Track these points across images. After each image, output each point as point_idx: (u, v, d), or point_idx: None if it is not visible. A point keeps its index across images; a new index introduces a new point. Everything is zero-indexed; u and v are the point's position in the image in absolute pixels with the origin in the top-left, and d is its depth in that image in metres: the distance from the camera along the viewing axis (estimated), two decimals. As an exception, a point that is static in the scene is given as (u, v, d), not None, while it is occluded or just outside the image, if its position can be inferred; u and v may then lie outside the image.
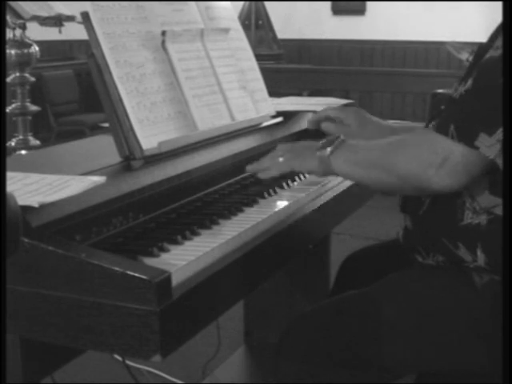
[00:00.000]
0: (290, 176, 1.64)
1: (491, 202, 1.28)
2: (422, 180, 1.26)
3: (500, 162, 1.22)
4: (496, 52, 1.23)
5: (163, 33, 1.57)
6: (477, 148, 1.21)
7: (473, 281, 1.29)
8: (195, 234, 1.28)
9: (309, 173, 1.52)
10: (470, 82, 1.25)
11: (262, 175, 1.49)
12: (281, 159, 1.46)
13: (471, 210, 1.30)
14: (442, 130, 1.26)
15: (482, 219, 1.29)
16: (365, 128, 1.67)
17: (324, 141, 1.42)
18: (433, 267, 1.36)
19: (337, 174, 1.43)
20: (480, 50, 1.34)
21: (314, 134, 2.09)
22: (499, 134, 1.19)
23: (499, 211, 1.27)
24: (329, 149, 1.39)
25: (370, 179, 1.37)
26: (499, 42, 1.23)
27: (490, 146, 1.20)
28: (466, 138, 1.22)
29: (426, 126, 1.45)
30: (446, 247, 1.32)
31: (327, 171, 1.41)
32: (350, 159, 1.38)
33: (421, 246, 1.39)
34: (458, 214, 1.31)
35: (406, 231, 1.43)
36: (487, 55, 1.25)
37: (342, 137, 1.41)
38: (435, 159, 1.24)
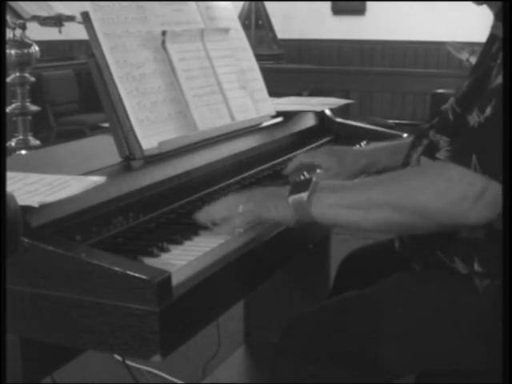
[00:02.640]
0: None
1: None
2: (454, 216, 1.16)
3: None
4: None
5: (163, 33, 1.57)
6: None
7: (473, 283, 1.28)
8: (195, 234, 1.28)
9: (281, 222, 1.29)
10: (488, 109, 1.16)
11: (222, 230, 1.28)
12: (241, 209, 1.28)
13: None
14: (461, 160, 1.15)
15: (480, 233, 1.25)
16: (344, 163, 1.62)
17: (292, 186, 1.28)
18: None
19: (315, 221, 1.25)
20: (486, 62, 1.29)
21: (316, 133, 2.09)
22: None
23: (497, 225, 1.23)
24: (304, 194, 1.23)
25: (367, 221, 1.22)
26: None
27: None
28: (492, 169, 1.13)
29: (429, 126, 1.41)
30: (442, 260, 1.31)
31: (302, 218, 1.25)
32: (334, 202, 1.23)
33: (417, 257, 1.38)
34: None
35: (402, 242, 1.42)
36: (499, 80, 1.17)
37: (314, 179, 1.26)
38: (472, 191, 1.13)
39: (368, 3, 8.17)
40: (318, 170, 1.63)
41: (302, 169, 1.65)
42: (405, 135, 2.14)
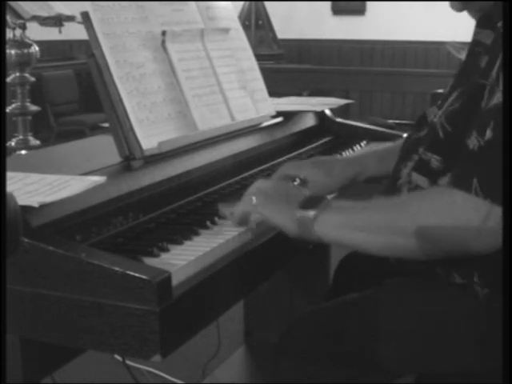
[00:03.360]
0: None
1: None
2: (458, 242, 1.13)
3: None
4: None
5: (163, 33, 1.57)
6: None
7: (473, 288, 1.28)
8: (195, 233, 1.28)
9: (281, 229, 1.26)
10: (488, 132, 1.12)
11: (233, 220, 1.31)
12: (254, 199, 1.28)
13: None
14: (462, 185, 1.12)
15: None
16: (331, 174, 1.58)
17: (306, 199, 1.25)
18: None
19: (317, 239, 1.23)
20: (474, 79, 1.26)
21: (316, 133, 2.09)
22: None
23: None
24: (312, 212, 1.21)
25: (370, 243, 1.20)
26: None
27: None
28: (493, 193, 1.08)
29: (418, 140, 1.40)
30: (440, 276, 1.30)
31: (304, 234, 1.23)
32: (340, 223, 1.21)
33: (414, 273, 1.36)
34: None
35: (398, 258, 1.39)
36: (495, 100, 1.14)
37: (328, 198, 1.25)
38: (476, 216, 1.09)
39: (368, 3, 8.18)
40: (297, 181, 1.54)
41: (286, 180, 1.55)
42: (405, 135, 2.14)
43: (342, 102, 2.26)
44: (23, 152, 3.61)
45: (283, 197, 1.28)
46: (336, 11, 8.31)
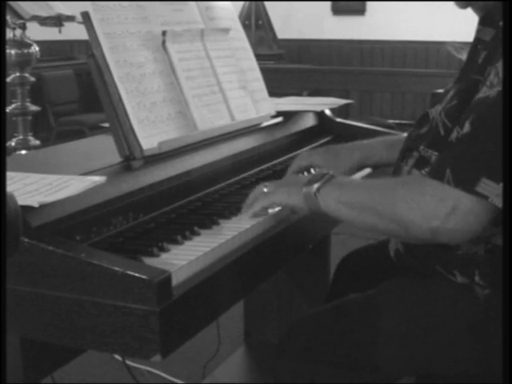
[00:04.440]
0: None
1: (489, 231, 1.21)
2: (424, 231, 1.16)
3: None
4: (492, 91, 1.14)
5: (163, 33, 1.57)
6: (485, 197, 1.10)
7: (473, 289, 1.28)
8: (195, 233, 1.28)
9: (293, 208, 1.36)
10: (466, 125, 1.15)
11: (245, 214, 1.37)
12: (265, 189, 1.37)
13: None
14: (436, 174, 1.16)
15: (480, 248, 1.25)
16: (338, 157, 1.65)
17: (311, 176, 1.34)
18: None
19: (323, 211, 1.30)
20: (470, 75, 1.28)
21: (316, 133, 2.09)
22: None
23: (497, 240, 1.23)
24: (316, 185, 1.29)
25: (360, 222, 1.26)
26: (493, 78, 1.15)
27: (499, 194, 1.10)
28: (465, 182, 1.12)
29: (419, 138, 1.40)
30: (441, 274, 1.30)
31: (313, 208, 1.30)
32: (338, 197, 1.27)
33: (414, 269, 1.37)
34: (454, 244, 1.26)
35: (398, 253, 1.41)
36: (481, 94, 1.17)
37: (330, 172, 1.31)
38: (442, 209, 1.13)
39: (368, 3, 8.17)
40: (312, 171, 1.65)
41: (301, 172, 1.65)
42: (405, 135, 2.14)
43: (342, 101, 2.26)
44: (23, 152, 3.61)
45: (292, 180, 1.41)
46: (336, 11, 8.31)
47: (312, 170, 1.66)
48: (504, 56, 1.18)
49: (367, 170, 1.73)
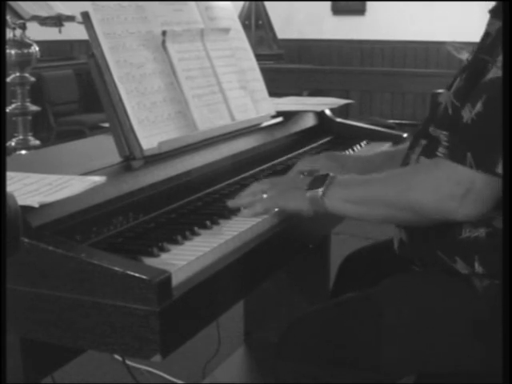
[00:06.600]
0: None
1: (490, 214, 1.24)
2: (444, 213, 1.21)
3: None
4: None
5: (163, 33, 1.57)
6: (499, 175, 1.16)
7: (473, 284, 1.28)
8: (195, 233, 1.28)
9: (299, 212, 1.37)
10: (479, 105, 1.19)
11: (247, 213, 1.38)
12: (265, 195, 1.37)
13: (469, 223, 1.26)
14: (457, 157, 1.20)
15: (481, 232, 1.26)
16: (344, 167, 1.63)
17: (312, 179, 1.36)
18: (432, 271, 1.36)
19: (329, 212, 1.34)
20: (478, 55, 1.29)
21: (316, 133, 2.09)
22: None
23: (497, 224, 1.25)
24: (320, 189, 1.32)
25: (371, 216, 1.32)
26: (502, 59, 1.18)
27: None
28: (487, 165, 1.16)
29: (427, 122, 1.41)
30: (442, 260, 1.31)
31: (320, 211, 1.33)
32: (345, 197, 1.32)
33: (417, 258, 1.38)
34: (456, 228, 1.28)
35: (402, 243, 1.42)
36: (491, 75, 1.20)
37: (331, 174, 1.35)
38: (457, 190, 1.19)
39: (368, 3, 8.16)
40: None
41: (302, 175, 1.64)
42: (405, 135, 2.15)
43: (342, 101, 2.26)
44: (23, 152, 3.61)
45: (292, 184, 1.41)
46: (336, 11, 8.30)
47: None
48: (504, 56, 1.18)
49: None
